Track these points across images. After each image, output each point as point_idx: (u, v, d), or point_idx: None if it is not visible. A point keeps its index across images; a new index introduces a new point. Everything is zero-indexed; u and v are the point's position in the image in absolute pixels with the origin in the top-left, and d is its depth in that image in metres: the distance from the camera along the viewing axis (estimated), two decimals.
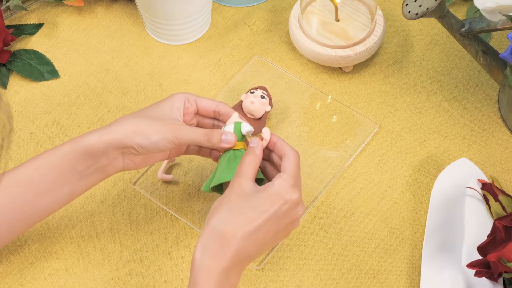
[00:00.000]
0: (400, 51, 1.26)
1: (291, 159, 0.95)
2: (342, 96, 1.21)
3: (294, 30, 1.21)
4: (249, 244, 0.90)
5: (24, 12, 1.31)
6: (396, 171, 1.14)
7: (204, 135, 0.98)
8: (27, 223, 1.00)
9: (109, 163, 0.99)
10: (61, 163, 0.97)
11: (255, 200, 0.91)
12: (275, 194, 0.92)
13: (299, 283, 1.05)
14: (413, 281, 1.05)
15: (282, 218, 0.92)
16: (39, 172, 0.97)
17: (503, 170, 1.13)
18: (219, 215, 0.91)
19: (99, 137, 0.97)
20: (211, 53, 1.26)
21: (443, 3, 1.05)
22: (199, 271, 0.88)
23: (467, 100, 1.21)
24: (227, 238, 0.89)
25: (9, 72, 1.24)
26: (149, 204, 1.12)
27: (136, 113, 1.00)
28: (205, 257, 0.89)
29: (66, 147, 0.98)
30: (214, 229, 0.90)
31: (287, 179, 0.93)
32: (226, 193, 0.93)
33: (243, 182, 0.93)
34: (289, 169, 0.94)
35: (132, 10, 1.31)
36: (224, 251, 0.89)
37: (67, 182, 0.98)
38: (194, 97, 1.02)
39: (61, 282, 1.05)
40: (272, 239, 0.93)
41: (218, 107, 1.03)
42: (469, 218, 1.05)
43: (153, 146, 0.97)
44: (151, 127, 0.97)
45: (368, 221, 1.10)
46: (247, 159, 0.95)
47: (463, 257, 1.02)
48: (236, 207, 0.91)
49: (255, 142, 0.97)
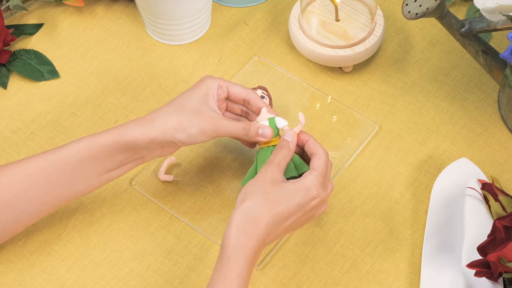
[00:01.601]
0: (400, 51, 1.26)
1: (322, 158, 1.00)
2: (342, 96, 1.21)
3: (294, 30, 1.21)
4: (275, 228, 0.95)
5: (24, 12, 1.31)
6: (396, 171, 1.14)
7: (242, 129, 1.01)
8: (61, 203, 1.03)
9: (148, 153, 1.03)
10: (102, 152, 1.00)
11: (288, 190, 0.96)
12: (306, 189, 0.97)
13: (299, 283, 1.05)
14: (413, 281, 1.05)
15: (308, 211, 0.98)
16: (77, 159, 1.00)
17: (503, 170, 1.13)
18: (254, 198, 0.95)
19: (143, 133, 1.00)
20: (211, 53, 1.26)
21: (443, 3, 1.05)
22: (234, 248, 0.93)
23: (467, 100, 1.21)
24: (260, 221, 0.94)
25: (9, 72, 1.24)
26: (149, 204, 1.12)
27: (175, 105, 1.02)
28: (240, 236, 0.93)
29: (108, 138, 1.00)
30: (249, 211, 0.94)
31: (318, 177, 0.98)
32: (260, 178, 0.97)
33: (276, 172, 0.98)
34: (319, 167, 0.99)
35: (132, 10, 1.31)
36: (257, 232, 0.94)
37: (105, 169, 1.02)
38: (226, 83, 1.06)
39: (61, 282, 1.05)
40: (292, 228, 0.98)
41: (248, 96, 1.06)
42: (469, 218, 1.05)
43: (193, 141, 1.01)
44: (192, 123, 1.00)
45: (368, 221, 1.10)
46: (281, 152, 1.00)
47: (463, 257, 1.02)
48: (270, 193, 0.95)
49: (290, 136, 1.01)
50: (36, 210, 1.01)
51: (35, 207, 1.01)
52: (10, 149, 1.16)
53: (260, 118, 1.04)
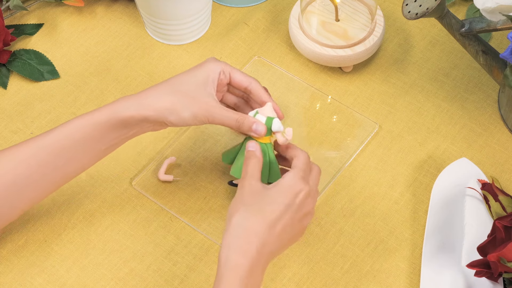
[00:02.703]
0: (400, 51, 1.26)
1: (301, 158, 0.99)
2: (342, 96, 1.21)
3: (294, 30, 1.21)
4: (270, 238, 0.93)
5: (24, 12, 1.31)
6: (396, 171, 1.14)
7: (235, 121, 1.01)
8: (55, 186, 1.02)
9: (140, 130, 1.02)
10: (94, 131, 1.00)
11: (269, 196, 0.95)
12: (286, 187, 0.96)
13: (299, 283, 1.05)
14: (413, 281, 1.05)
15: (296, 210, 0.96)
16: (70, 140, 1.00)
17: (503, 170, 1.13)
18: (239, 214, 0.93)
19: (136, 112, 1.00)
20: (211, 53, 1.26)
21: (443, 3, 1.05)
22: (225, 268, 0.91)
23: (467, 100, 1.21)
24: (250, 234, 0.92)
25: (9, 72, 1.24)
26: (149, 204, 1.12)
27: (171, 85, 1.01)
28: (230, 254, 0.91)
29: (100, 116, 1.00)
30: (237, 227, 0.93)
31: (297, 172, 0.97)
32: (239, 193, 0.96)
33: (253, 183, 0.96)
34: (297, 165, 0.98)
35: (132, 10, 1.31)
36: (248, 247, 0.92)
37: (97, 148, 1.01)
38: (229, 68, 1.04)
39: (61, 282, 1.05)
40: (290, 233, 0.96)
41: (251, 86, 1.05)
42: (469, 218, 1.05)
43: (184, 124, 1.00)
44: (185, 106, 0.99)
45: (368, 221, 1.10)
46: (251, 162, 0.99)
47: (463, 257, 1.02)
48: (253, 203, 0.94)
49: (253, 146, 1.00)
50: (31, 195, 1.01)
51: (30, 192, 1.00)
52: None
53: (262, 111, 1.03)
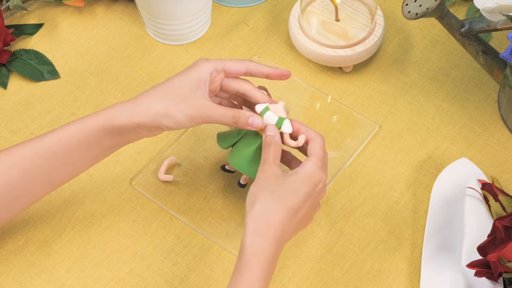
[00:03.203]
0: (400, 51, 1.26)
1: (318, 142, 0.99)
2: (342, 96, 1.21)
3: (294, 30, 1.21)
4: (289, 225, 0.95)
5: (24, 12, 1.31)
6: (396, 171, 1.14)
7: (231, 117, 1.00)
8: (49, 189, 1.02)
9: (135, 136, 1.02)
10: (88, 138, 0.99)
11: (291, 183, 0.95)
12: (307, 177, 0.96)
13: (299, 283, 1.05)
14: (413, 281, 1.05)
15: (314, 199, 0.97)
16: (63, 145, 0.99)
17: (503, 170, 1.13)
18: (263, 199, 0.94)
19: (129, 118, 0.99)
20: (211, 53, 1.26)
21: (443, 3, 1.05)
22: (251, 253, 0.92)
23: (467, 100, 1.21)
24: (273, 221, 0.93)
25: (9, 72, 1.24)
26: (149, 204, 1.12)
27: (164, 90, 1.00)
28: (257, 241, 0.92)
29: (94, 123, 0.99)
30: (261, 213, 0.93)
31: (316, 161, 0.97)
32: (262, 177, 0.96)
33: (275, 168, 0.97)
34: (316, 152, 0.98)
35: (132, 10, 1.31)
36: (273, 232, 0.93)
37: (92, 154, 1.01)
38: (221, 64, 1.02)
39: (61, 282, 1.05)
40: (304, 221, 0.98)
41: (249, 69, 1.03)
42: (469, 218, 1.05)
43: (180, 126, 1.00)
44: (179, 109, 0.99)
45: (368, 221, 1.10)
46: (271, 148, 0.98)
47: (463, 257, 1.02)
48: (277, 190, 0.95)
49: (272, 130, 1.00)
50: (24, 198, 1.00)
51: (23, 195, 1.00)
52: None
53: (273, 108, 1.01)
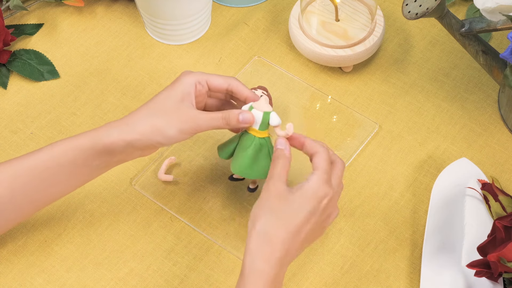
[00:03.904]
0: (400, 51, 1.26)
1: (323, 155, 0.97)
2: (342, 96, 1.21)
3: (294, 30, 1.21)
4: (293, 245, 0.92)
5: (24, 12, 1.31)
6: (396, 171, 1.14)
7: (222, 119, 0.98)
8: (37, 207, 1.01)
9: (127, 157, 1.01)
10: (78, 157, 0.98)
11: (294, 201, 0.93)
12: (311, 193, 0.94)
13: (299, 283, 1.05)
14: (413, 281, 1.05)
15: (320, 215, 0.95)
16: (53, 163, 0.98)
17: (503, 170, 1.13)
18: (264, 219, 0.92)
19: (119, 137, 0.98)
20: (211, 53, 1.26)
21: (443, 3, 1.05)
22: (250, 275, 0.90)
23: (467, 100, 1.21)
24: (274, 241, 0.91)
25: (9, 72, 1.24)
26: (149, 204, 1.12)
27: (149, 108, 0.99)
28: (256, 262, 0.90)
29: (84, 142, 0.98)
30: (261, 233, 0.92)
31: (321, 175, 0.95)
32: (265, 196, 0.94)
33: (279, 185, 0.94)
34: (321, 165, 0.96)
35: (132, 10, 1.31)
36: (274, 254, 0.91)
37: (82, 173, 1.00)
38: (205, 77, 1.02)
39: (61, 282, 1.05)
40: (312, 237, 0.95)
41: (230, 86, 1.02)
42: (469, 218, 1.05)
43: (172, 141, 0.99)
44: (168, 123, 0.98)
45: (368, 221, 1.10)
46: (279, 162, 0.96)
47: (463, 257, 1.02)
48: (279, 210, 0.93)
49: (282, 144, 0.98)
50: (12, 215, 0.99)
51: (10, 212, 0.99)
52: (10, 149, 1.16)
53: (256, 105, 1.01)
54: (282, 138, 0.99)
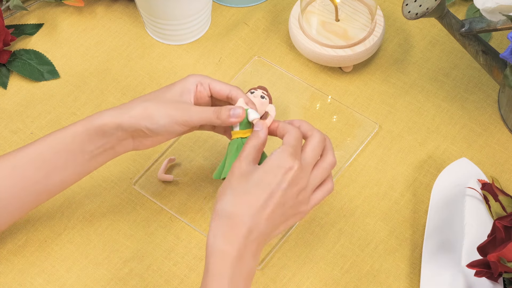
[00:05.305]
0: (400, 51, 1.26)
1: (292, 133, 0.95)
2: (342, 96, 1.21)
3: (294, 30, 1.21)
4: (259, 222, 0.90)
5: (24, 12, 1.31)
6: (396, 171, 1.14)
7: (213, 113, 0.98)
8: (38, 200, 1.01)
9: (119, 143, 1.01)
10: (72, 142, 0.99)
11: (256, 177, 0.91)
12: (274, 166, 0.92)
13: (299, 283, 1.05)
14: (413, 281, 1.05)
15: (287, 188, 0.92)
16: (50, 151, 0.99)
17: (503, 170, 1.14)
18: (224, 199, 0.91)
19: (110, 118, 0.98)
20: (211, 53, 1.26)
21: (443, 3, 1.05)
22: (212, 256, 0.89)
23: (467, 100, 1.21)
24: (235, 220, 0.89)
25: (9, 72, 1.24)
26: (149, 204, 1.12)
27: (147, 96, 1.00)
28: (217, 242, 0.89)
29: (77, 126, 0.99)
30: (222, 213, 0.90)
31: (285, 149, 0.93)
32: (228, 177, 0.93)
33: (243, 165, 0.93)
34: (287, 141, 0.94)
35: (132, 10, 1.31)
36: (234, 232, 0.89)
37: (77, 161, 1.00)
38: (208, 80, 1.02)
39: (61, 282, 1.05)
40: (284, 213, 0.93)
41: (231, 93, 1.02)
42: (469, 218, 1.05)
43: (162, 129, 0.98)
44: (159, 110, 0.98)
45: (368, 221, 1.10)
46: (250, 142, 0.95)
47: (463, 257, 1.02)
48: (239, 187, 0.91)
49: (259, 125, 0.97)
50: (12, 210, 1.00)
51: (11, 207, 0.99)
52: (10, 149, 1.16)
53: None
54: (261, 121, 0.97)
